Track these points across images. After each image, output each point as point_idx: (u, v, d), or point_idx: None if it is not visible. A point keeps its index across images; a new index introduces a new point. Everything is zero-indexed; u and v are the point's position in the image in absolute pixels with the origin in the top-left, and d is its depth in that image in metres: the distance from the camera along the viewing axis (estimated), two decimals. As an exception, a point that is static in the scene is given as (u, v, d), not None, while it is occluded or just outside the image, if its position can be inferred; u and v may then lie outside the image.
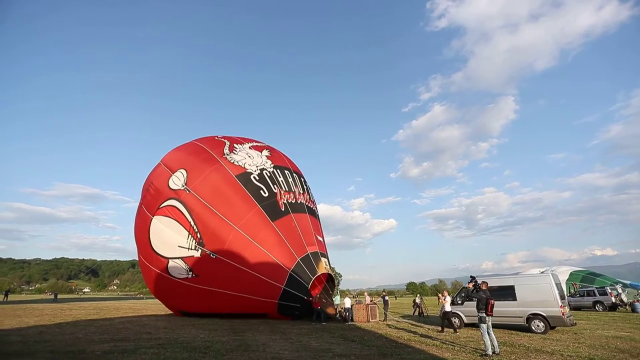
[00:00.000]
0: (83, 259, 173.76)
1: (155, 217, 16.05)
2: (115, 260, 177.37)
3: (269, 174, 16.74)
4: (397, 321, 16.72)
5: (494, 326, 9.54)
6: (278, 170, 17.30)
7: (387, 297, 19.71)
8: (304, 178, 19.49)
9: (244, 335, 11.48)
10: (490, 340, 7.98)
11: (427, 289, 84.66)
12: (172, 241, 15.41)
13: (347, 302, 16.10)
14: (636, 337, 10.52)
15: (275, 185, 16.47)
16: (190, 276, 15.32)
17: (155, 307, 29.03)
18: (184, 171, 16.15)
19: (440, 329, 12.50)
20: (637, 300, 21.72)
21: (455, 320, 13.05)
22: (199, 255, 15.09)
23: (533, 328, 11.34)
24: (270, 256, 14.92)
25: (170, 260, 15.56)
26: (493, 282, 12.55)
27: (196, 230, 15.16)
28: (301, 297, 15.04)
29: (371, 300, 18.06)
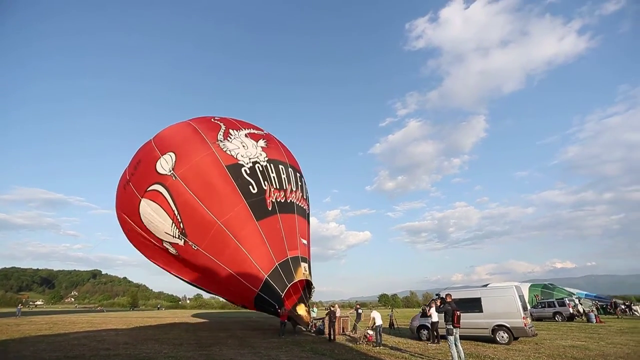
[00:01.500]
0: (37, 269, 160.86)
1: (143, 199, 15.51)
2: (75, 270, 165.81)
3: (261, 168, 15.83)
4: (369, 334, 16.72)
5: (462, 337, 9.84)
6: (272, 165, 16.33)
7: (360, 310, 19.59)
8: (300, 173, 18.48)
9: (211, 349, 11.02)
10: (457, 352, 8.14)
11: (398, 301, 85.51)
12: (160, 227, 15.29)
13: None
14: (590, 346, 11.14)
15: (265, 182, 15.65)
16: (179, 257, 15.90)
17: (116, 320, 27.30)
18: (172, 155, 15.30)
19: (431, 341, 12.45)
20: (592, 311, 23.09)
21: (424, 332, 13.24)
22: (182, 245, 15.05)
23: (498, 339, 11.71)
24: (249, 258, 14.56)
25: (163, 241, 15.90)
26: (461, 294, 12.93)
27: (179, 220, 14.72)
28: (273, 304, 14.79)
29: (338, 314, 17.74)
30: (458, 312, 8.50)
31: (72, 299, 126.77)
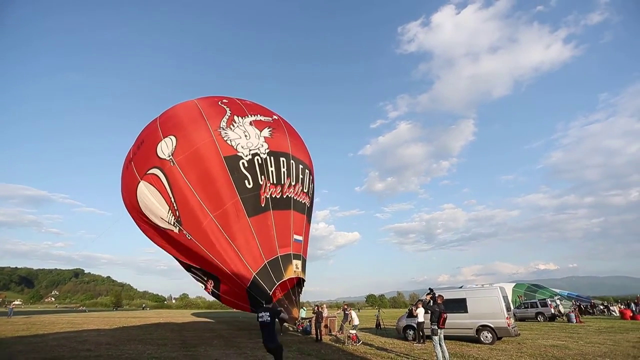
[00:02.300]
0: (16, 267, 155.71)
1: (142, 181, 15.36)
2: (56, 269, 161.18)
3: (260, 161, 15.26)
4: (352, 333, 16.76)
5: (447, 337, 10.03)
6: (272, 158, 15.69)
7: (347, 311, 19.52)
8: (304, 164, 17.58)
9: (196, 350, 10.86)
10: (442, 352, 8.24)
11: (385, 302, 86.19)
12: (156, 212, 15.14)
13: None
14: (570, 346, 11.44)
15: (262, 176, 15.20)
16: (175, 242, 15.71)
17: (98, 320, 26.65)
18: (173, 139, 14.96)
19: (417, 341, 12.51)
20: (572, 311, 23.75)
21: (410, 332, 13.36)
22: (177, 232, 14.90)
23: (482, 339, 11.90)
24: (239, 255, 14.42)
25: (158, 227, 15.72)
26: (447, 295, 13.09)
27: (175, 207, 14.59)
28: (261, 302, 14.70)
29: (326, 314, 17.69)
30: (445, 315, 8.67)
31: (53, 299, 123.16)
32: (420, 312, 12.19)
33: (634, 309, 24.80)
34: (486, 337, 11.85)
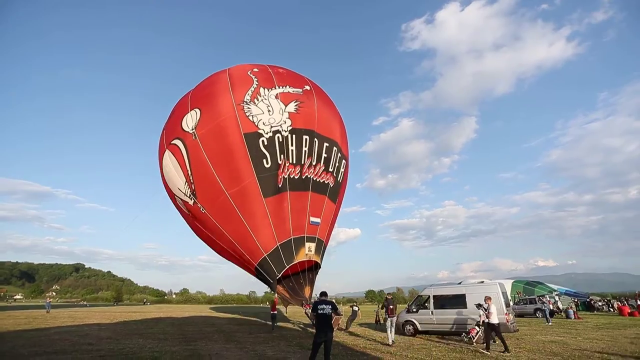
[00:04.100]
0: (17, 262, 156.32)
1: (167, 150, 15.87)
2: (57, 263, 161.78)
3: (280, 139, 14.59)
4: (355, 329, 16.87)
5: (447, 332, 11.55)
6: (294, 136, 14.93)
7: (355, 308, 19.43)
8: (330, 142, 16.35)
9: (196, 344, 10.93)
10: (390, 335, 11.06)
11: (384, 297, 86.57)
12: (175, 182, 15.61)
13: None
14: (568, 342, 11.51)
15: (282, 156, 14.59)
16: (190, 215, 16.19)
17: (99, 315, 26.81)
18: (198, 112, 15.01)
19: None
20: (570, 307, 23.87)
21: (410, 328, 13.44)
22: (192, 205, 15.33)
23: (481, 334, 11.96)
24: (252, 234, 14.47)
25: (176, 197, 16.24)
26: (447, 291, 13.21)
27: (192, 180, 14.89)
28: (270, 282, 14.92)
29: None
30: (391, 306, 11.65)
31: (54, 293, 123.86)
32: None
33: (635, 305, 24.95)
34: (485, 332, 11.91)
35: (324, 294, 7.57)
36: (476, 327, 11.31)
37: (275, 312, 16.81)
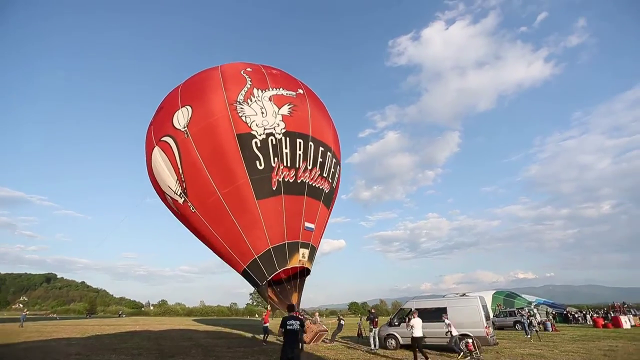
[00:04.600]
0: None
1: (156, 146, 15.48)
2: (26, 273, 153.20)
3: (274, 142, 14.28)
4: (338, 342, 16.63)
5: (429, 346, 10.91)
6: (288, 139, 14.60)
7: (342, 321, 19.11)
8: (325, 147, 16.11)
9: (173, 359, 10.49)
10: (374, 342, 12.52)
11: (367, 310, 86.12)
12: (164, 179, 15.31)
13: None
14: (545, 354, 11.70)
15: (275, 158, 14.31)
16: (179, 213, 15.91)
17: (70, 328, 25.43)
18: (190, 109, 14.65)
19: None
20: (548, 320, 24.37)
21: (392, 342, 13.35)
22: (181, 204, 15.08)
23: (462, 348, 12.00)
24: (243, 236, 14.26)
25: (165, 194, 15.88)
26: (429, 304, 13.26)
27: (183, 179, 14.65)
28: (258, 283, 14.73)
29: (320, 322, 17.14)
30: (376, 319, 13.34)
31: (21, 305, 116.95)
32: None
33: (609, 318, 25.71)
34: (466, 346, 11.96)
35: (292, 308, 7.53)
36: (469, 340, 11.29)
37: (267, 324, 16.51)
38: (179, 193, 14.95)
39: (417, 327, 10.01)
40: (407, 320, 10.84)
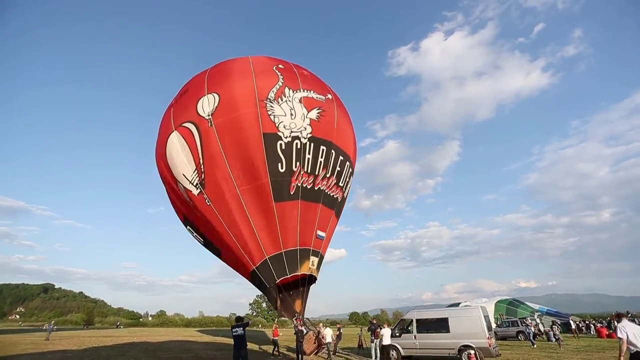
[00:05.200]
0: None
1: (175, 131, 14.41)
2: (23, 283, 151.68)
3: (299, 146, 14.00)
4: (338, 354, 16.39)
5: (430, 357, 11.30)
6: (312, 144, 14.32)
7: (342, 330, 19.19)
8: (345, 156, 15.96)
9: (169, 374, 10.29)
10: (376, 353, 12.76)
11: (369, 320, 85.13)
12: (180, 167, 14.25)
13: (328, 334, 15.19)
14: (550, 367, 11.50)
15: (297, 162, 14.02)
16: (191, 204, 14.84)
17: (66, 341, 25.04)
18: (216, 97, 13.95)
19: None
20: (551, 330, 24.08)
21: (393, 353, 13.16)
22: (196, 195, 14.09)
23: (464, 359, 11.83)
24: (256, 235, 13.85)
25: (178, 183, 14.73)
26: (429, 315, 13.11)
27: (202, 169, 13.80)
28: (266, 285, 14.26)
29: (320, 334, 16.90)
30: (378, 330, 13.19)
31: (17, 316, 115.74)
32: (386, 334, 13.11)
33: (613, 327, 25.35)
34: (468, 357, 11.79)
35: (239, 319, 9.20)
36: (471, 352, 11.14)
37: (277, 337, 16.68)
38: (195, 183, 14.13)
39: (386, 336, 12.41)
40: (379, 328, 13.40)
